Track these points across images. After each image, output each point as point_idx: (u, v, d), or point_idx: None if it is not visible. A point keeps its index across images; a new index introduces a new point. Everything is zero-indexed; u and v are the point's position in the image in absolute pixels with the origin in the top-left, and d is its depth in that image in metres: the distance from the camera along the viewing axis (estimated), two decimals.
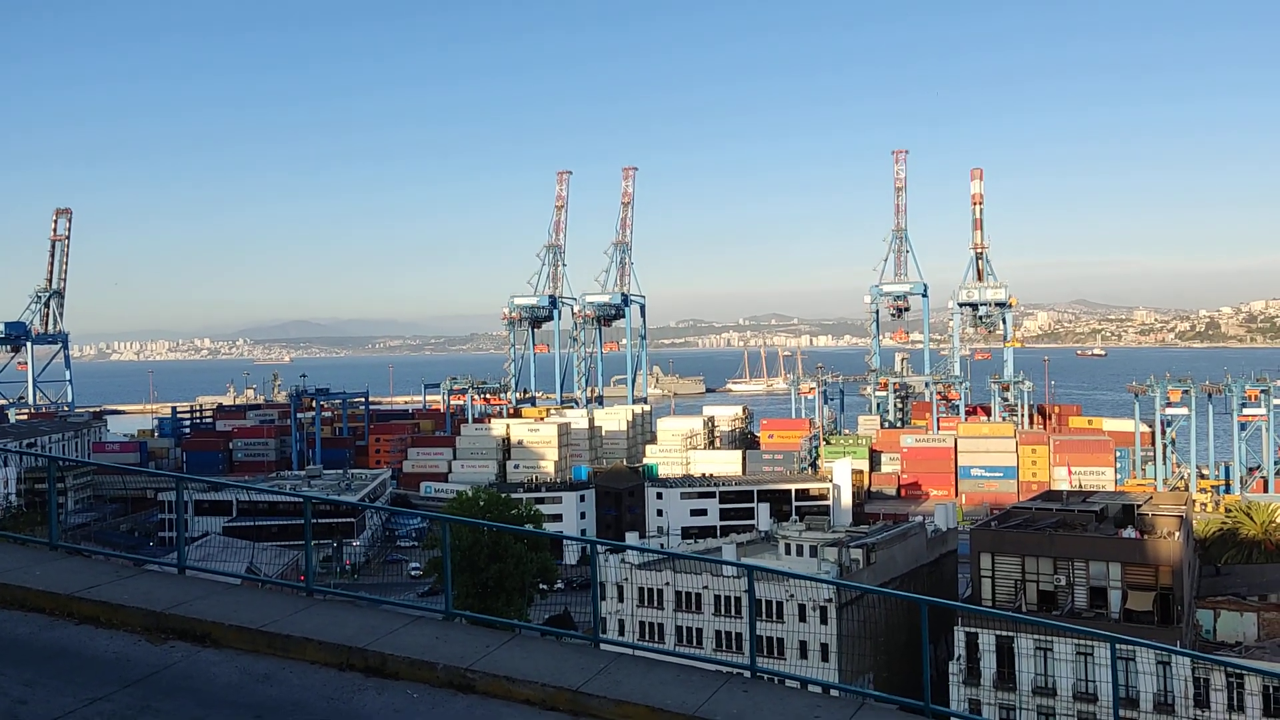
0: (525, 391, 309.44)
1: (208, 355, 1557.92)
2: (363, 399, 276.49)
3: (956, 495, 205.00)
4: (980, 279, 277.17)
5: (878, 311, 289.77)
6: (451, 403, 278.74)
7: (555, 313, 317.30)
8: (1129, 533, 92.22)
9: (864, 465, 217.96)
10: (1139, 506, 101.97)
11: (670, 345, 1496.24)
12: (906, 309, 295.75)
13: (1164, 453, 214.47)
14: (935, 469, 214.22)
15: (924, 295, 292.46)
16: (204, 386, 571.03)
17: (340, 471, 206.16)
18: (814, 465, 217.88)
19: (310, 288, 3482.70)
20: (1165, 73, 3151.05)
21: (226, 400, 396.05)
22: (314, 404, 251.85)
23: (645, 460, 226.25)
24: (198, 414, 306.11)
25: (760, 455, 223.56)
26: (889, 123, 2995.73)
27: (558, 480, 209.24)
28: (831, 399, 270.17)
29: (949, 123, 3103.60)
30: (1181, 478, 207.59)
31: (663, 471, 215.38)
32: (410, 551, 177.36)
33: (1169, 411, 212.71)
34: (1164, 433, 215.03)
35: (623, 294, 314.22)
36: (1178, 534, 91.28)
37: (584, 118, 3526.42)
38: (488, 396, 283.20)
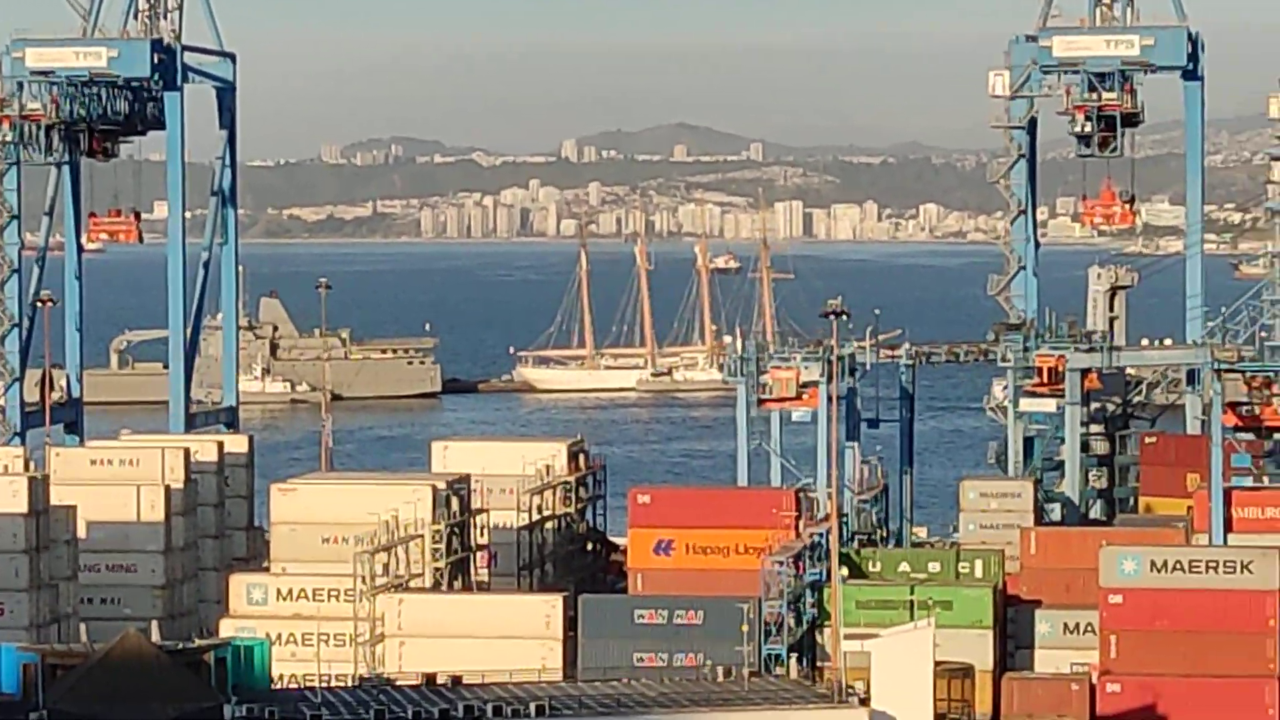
0: None
1: None
2: None
3: None
4: None
5: (1033, 124, 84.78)
6: None
7: None
8: None
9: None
10: None
11: (330, 217, 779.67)
12: (1135, 120, 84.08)
13: None
14: None
15: (1190, 76, 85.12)
16: None
17: None
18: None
19: None
20: None
21: None
22: None
23: (232, 624, 43.94)
24: None
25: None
26: None
27: None
28: (876, 419, 77.41)
29: None
30: None
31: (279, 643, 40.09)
32: None
33: None
34: None
35: (160, 42, 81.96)
36: None
37: None
38: None
